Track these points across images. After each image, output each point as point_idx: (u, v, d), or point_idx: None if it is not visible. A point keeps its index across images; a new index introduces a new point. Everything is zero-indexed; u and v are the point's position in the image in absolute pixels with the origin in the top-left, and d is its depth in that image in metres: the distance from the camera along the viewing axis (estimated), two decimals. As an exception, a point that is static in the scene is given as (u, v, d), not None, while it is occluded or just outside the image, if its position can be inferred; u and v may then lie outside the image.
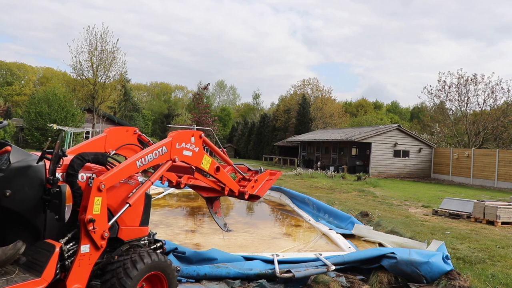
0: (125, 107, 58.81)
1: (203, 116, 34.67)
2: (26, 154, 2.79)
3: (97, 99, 31.02)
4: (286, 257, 5.05)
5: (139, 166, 3.13)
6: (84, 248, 2.81)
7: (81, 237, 2.81)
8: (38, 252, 2.67)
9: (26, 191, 2.68)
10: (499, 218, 9.36)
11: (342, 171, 28.27)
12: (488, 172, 24.02)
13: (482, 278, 4.96)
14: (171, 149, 3.40)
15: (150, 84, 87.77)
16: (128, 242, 3.28)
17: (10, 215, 2.69)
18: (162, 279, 3.20)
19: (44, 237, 2.81)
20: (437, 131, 37.62)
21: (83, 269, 2.81)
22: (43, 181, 2.77)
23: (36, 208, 2.75)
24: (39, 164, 2.77)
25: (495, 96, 32.23)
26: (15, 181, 2.64)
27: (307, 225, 8.43)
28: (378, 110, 73.10)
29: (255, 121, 58.74)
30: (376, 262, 4.90)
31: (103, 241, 2.90)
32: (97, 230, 2.83)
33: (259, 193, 4.53)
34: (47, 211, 2.79)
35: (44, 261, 2.58)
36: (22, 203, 2.67)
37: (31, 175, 2.72)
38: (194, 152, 3.61)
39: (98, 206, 2.83)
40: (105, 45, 30.11)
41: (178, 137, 3.49)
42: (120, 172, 3.02)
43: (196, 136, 3.63)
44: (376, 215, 9.19)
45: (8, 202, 2.60)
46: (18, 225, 2.76)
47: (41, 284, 2.49)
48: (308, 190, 15.38)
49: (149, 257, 3.06)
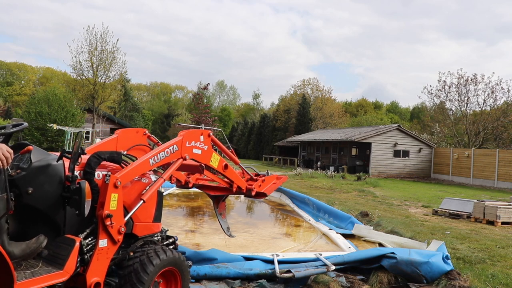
0: (125, 107, 58.82)
1: (203, 116, 34.67)
2: (45, 154, 2.92)
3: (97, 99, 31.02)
4: (286, 257, 5.04)
5: (152, 164, 3.25)
6: (102, 243, 2.93)
7: (99, 232, 2.93)
8: (59, 247, 2.79)
9: (47, 189, 2.81)
10: (499, 218, 9.35)
11: (342, 171, 28.27)
12: (488, 172, 24.02)
13: (482, 278, 4.96)
14: (182, 148, 3.51)
15: (150, 84, 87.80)
16: (142, 238, 3.38)
17: (32, 212, 2.81)
18: (177, 274, 3.31)
19: (64, 232, 2.93)
20: (437, 131, 37.62)
21: (101, 263, 2.94)
22: (63, 179, 2.90)
23: (56, 205, 2.88)
24: (58, 163, 2.89)
25: (495, 96, 32.26)
26: (36, 179, 2.76)
27: (307, 225, 8.43)
28: (378, 110, 73.10)
29: (255, 121, 58.73)
30: (376, 262, 4.90)
31: (120, 235, 3.02)
32: (114, 225, 2.95)
33: (266, 191, 4.58)
34: (67, 208, 2.92)
35: (66, 255, 2.71)
36: (43, 200, 2.80)
37: (51, 173, 2.84)
38: (203, 150, 3.72)
39: (114, 202, 2.96)
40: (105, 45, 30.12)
41: (188, 135, 3.60)
42: (135, 170, 3.15)
43: (205, 135, 3.74)
44: (376, 215, 9.19)
45: (30, 199, 2.72)
46: (40, 221, 2.88)
47: (63, 276, 2.62)
48: (308, 190, 15.38)
49: (165, 253, 3.16)
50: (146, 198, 3.19)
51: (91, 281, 2.85)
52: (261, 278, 4.46)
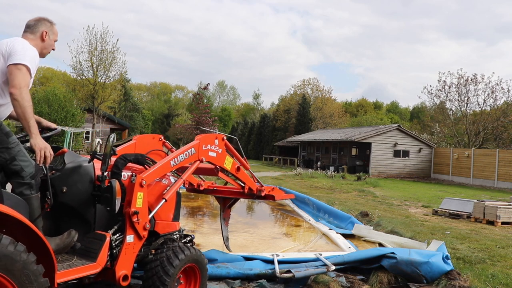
0: (125, 107, 58.80)
1: (203, 116, 34.63)
2: (77, 156, 3.19)
3: (97, 99, 31.02)
4: (286, 257, 5.05)
5: (173, 165, 3.50)
6: (129, 238, 3.15)
7: (126, 228, 3.14)
8: (90, 242, 3.02)
9: (79, 188, 3.05)
10: (499, 218, 9.35)
11: (342, 171, 28.27)
12: (488, 172, 24.01)
13: (482, 278, 4.96)
14: (199, 150, 3.78)
15: (150, 84, 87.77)
16: (163, 236, 3.59)
17: (66, 209, 3.05)
18: (196, 271, 3.54)
19: (94, 228, 3.16)
20: (437, 131, 37.62)
21: (128, 257, 3.15)
22: (93, 178, 3.14)
23: (87, 203, 3.12)
24: (89, 164, 3.15)
25: (495, 96, 32.25)
26: (69, 179, 3.01)
27: (307, 225, 8.43)
28: (378, 110, 73.09)
29: (255, 121, 58.71)
30: (376, 262, 4.90)
31: (145, 231, 3.24)
32: (140, 221, 3.17)
33: (274, 194, 4.71)
34: (96, 205, 3.16)
35: (98, 249, 2.94)
36: (76, 198, 3.04)
37: (82, 174, 3.09)
38: (218, 153, 3.99)
39: (140, 200, 3.17)
40: (105, 45, 30.11)
41: (204, 139, 3.88)
42: (158, 171, 3.38)
43: (219, 139, 4.02)
44: (376, 215, 9.19)
45: (64, 198, 2.96)
46: (72, 218, 3.11)
47: (96, 268, 2.87)
48: (308, 190, 15.38)
49: (188, 250, 3.41)
50: (167, 197, 3.42)
51: (119, 274, 3.05)
52: (261, 278, 4.46)
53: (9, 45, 2.81)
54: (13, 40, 2.88)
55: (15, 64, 2.72)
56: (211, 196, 9.14)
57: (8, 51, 2.77)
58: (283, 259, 4.91)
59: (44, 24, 3.08)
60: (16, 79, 2.69)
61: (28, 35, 3.03)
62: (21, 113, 2.68)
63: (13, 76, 2.70)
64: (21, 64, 2.73)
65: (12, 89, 2.67)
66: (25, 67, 2.74)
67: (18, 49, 2.78)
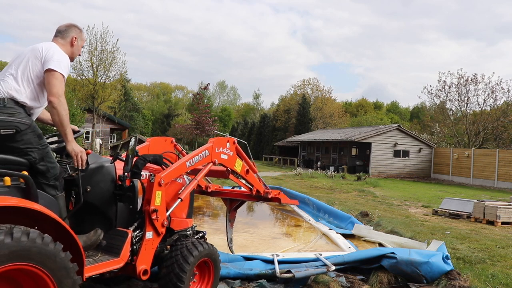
0: (125, 107, 58.79)
1: (203, 116, 34.63)
2: (99, 157, 3.34)
3: (97, 99, 30.95)
4: (286, 257, 5.05)
5: (188, 166, 3.65)
6: (149, 234, 3.29)
7: (146, 225, 3.29)
8: (112, 238, 3.17)
9: (101, 187, 3.20)
10: (499, 218, 9.35)
11: (342, 171, 28.27)
12: (488, 172, 24.01)
13: (482, 278, 4.96)
14: (212, 153, 3.95)
15: (150, 84, 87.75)
16: (177, 232, 3.74)
17: (89, 208, 3.18)
18: (210, 265, 3.72)
19: (115, 226, 3.30)
20: (437, 131, 37.61)
21: (148, 253, 3.31)
22: (114, 178, 3.29)
23: (109, 201, 3.27)
24: (110, 165, 3.30)
25: (495, 96, 32.24)
26: (93, 179, 3.15)
27: (307, 225, 8.43)
28: (378, 110, 73.08)
29: (255, 121, 58.72)
30: (376, 262, 4.90)
31: (163, 228, 3.38)
32: (159, 219, 3.31)
33: (281, 197, 4.78)
34: (118, 203, 3.30)
35: (120, 245, 3.09)
36: (98, 197, 3.18)
37: (105, 174, 3.24)
38: (229, 155, 4.16)
39: (159, 199, 3.32)
40: (105, 45, 30.03)
41: (217, 142, 4.05)
42: (175, 171, 3.53)
43: (230, 142, 4.20)
44: (376, 215, 9.19)
45: (88, 197, 3.10)
46: (95, 215, 3.25)
47: (119, 263, 3.04)
48: (308, 190, 15.38)
49: (202, 245, 3.57)
50: (183, 197, 3.57)
51: (140, 269, 3.21)
52: (261, 278, 4.47)
53: (45, 50, 2.92)
54: (49, 45, 2.98)
55: (53, 71, 2.84)
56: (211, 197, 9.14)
57: (44, 56, 2.88)
58: (283, 259, 4.92)
59: (74, 30, 3.22)
60: (55, 87, 2.81)
61: (58, 40, 3.15)
62: (58, 120, 2.82)
63: (51, 85, 2.81)
64: (59, 72, 2.86)
65: (51, 97, 2.79)
66: (62, 75, 2.88)
67: (55, 56, 2.90)
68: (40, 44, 2.98)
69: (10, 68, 2.90)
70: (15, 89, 2.80)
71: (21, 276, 2.30)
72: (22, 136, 2.69)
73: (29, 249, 2.22)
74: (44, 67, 2.85)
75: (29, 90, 2.87)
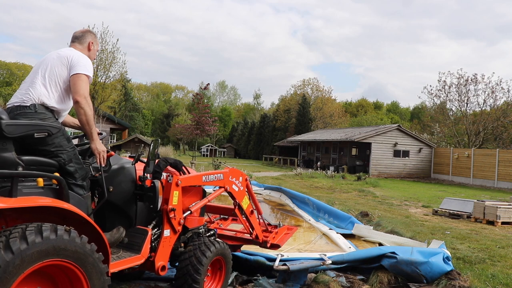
0: (125, 107, 58.79)
1: (203, 116, 34.60)
2: (120, 158, 3.51)
3: (97, 99, 30.94)
4: (290, 256, 5.07)
5: (203, 180, 3.90)
6: (166, 232, 3.47)
7: (164, 223, 3.46)
8: (133, 236, 3.33)
9: (123, 187, 3.36)
10: (499, 218, 9.35)
11: (342, 171, 28.26)
12: (488, 172, 24.00)
13: (482, 278, 4.96)
14: (226, 179, 4.18)
15: (150, 84, 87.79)
16: (191, 230, 3.89)
17: (112, 207, 3.34)
18: (222, 262, 3.91)
19: (135, 224, 3.47)
20: (437, 131, 37.60)
21: (165, 250, 3.49)
22: (135, 179, 3.46)
23: (130, 201, 3.43)
24: (131, 166, 3.47)
25: (495, 96, 32.20)
26: (115, 180, 3.31)
27: (307, 225, 8.43)
28: (378, 110, 73.07)
29: (255, 121, 58.69)
30: (376, 262, 4.89)
31: (180, 226, 3.58)
32: (176, 217, 3.51)
33: (279, 243, 4.81)
34: (138, 203, 3.46)
35: (141, 242, 3.26)
36: (120, 196, 3.34)
37: (126, 174, 3.41)
38: (240, 189, 4.36)
39: (176, 198, 3.50)
40: (105, 45, 30.03)
41: (232, 172, 4.30)
42: (191, 178, 3.77)
43: (243, 178, 4.42)
44: (376, 215, 9.19)
45: (111, 196, 3.24)
46: (117, 214, 3.41)
47: (140, 259, 3.21)
48: (308, 190, 15.38)
49: (217, 244, 3.76)
50: (193, 209, 3.77)
51: (158, 265, 3.39)
52: (259, 265, 4.54)
53: (70, 57, 3.07)
54: (72, 51, 3.14)
55: (80, 74, 2.99)
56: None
57: (70, 62, 3.04)
58: (286, 258, 4.94)
59: (90, 36, 3.37)
60: (81, 88, 2.96)
61: (76, 45, 3.30)
62: (85, 120, 2.98)
63: (78, 86, 2.96)
64: (84, 74, 3.01)
65: (78, 97, 2.93)
66: (87, 76, 3.04)
67: (80, 60, 3.06)
68: (65, 51, 3.12)
69: (37, 75, 3.03)
70: (44, 95, 2.95)
71: (56, 271, 2.48)
72: (53, 139, 2.84)
73: (69, 247, 2.42)
74: (71, 72, 3.01)
75: (57, 94, 3.02)
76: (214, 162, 21.07)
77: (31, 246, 2.25)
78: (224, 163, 24.98)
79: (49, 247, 2.33)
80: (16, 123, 2.68)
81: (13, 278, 2.19)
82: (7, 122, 2.58)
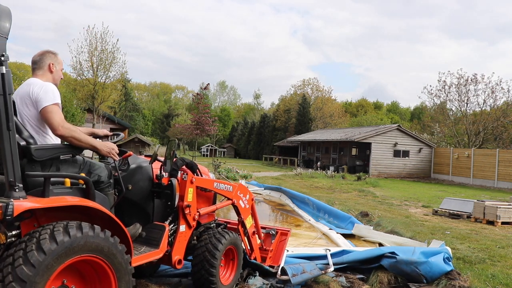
0: (125, 107, 58.78)
1: (203, 116, 34.61)
2: (138, 158, 3.65)
3: (97, 99, 30.90)
4: (296, 252, 5.10)
5: (214, 186, 4.08)
6: (182, 228, 3.64)
7: (180, 219, 3.63)
8: (151, 231, 3.48)
9: (141, 185, 3.52)
10: (499, 218, 9.35)
11: (342, 171, 28.26)
12: (488, 172, 23.99)
13: (482, 278, 4.96)
14: (234, 192, 4.34)
15: (150, 84, 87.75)
16: (203, 225, 4.06)
17: (130, 204, 3.50)
18: (234, 252, 4.10)
19: (153, 220, 3.61)
20: (437, 131, 37.58)
21: (181, 244, 3.66)
22: (152, 177, 3.61)
23: (147, 198, 3.58)
24: (148, 165, 3.61)
25: (495, 96, 32.14)
26: (133, 178, 3.47)
27: (307, 225, 8.43)
28: (378, 110, 73.02)
29: (255, 121, 58.67)
30: (376, 262, 4.89)
31: (194, 222, 3.75)
32: (191, 213, 3.68)
33: (275, 263, 4.78)
34: (155, 200, 3.62)
35: (159, 238, 3.42)
36: (138, 194, 3.50)
37: (143, 173, 3.56)
38: (246, 206, 4.53)
39: (190, 195, 3.68)
40: (105, 45, 29.98)
41: (241, 187, 4.47)
42: (204, 180, 3.96)
43: (250, 196, 4.61)
44: (376, 215, 9.19)
45: (130, 194, 3.41)
46: (135, 211, 3.57)
47: (159, 253, 3.38)
48: (308, 190, 15.38)
49: (229, 234, 3.96)
50: (202, 212, 3.91)
51: (175, 259, 3.56)
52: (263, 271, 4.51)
53: (30, 92, 2.93)
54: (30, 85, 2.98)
55: (46, 107, 2.88)
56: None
57: (33, 98, 2.92)
58: (292, 254, 4.98)
59: (48, 57, 3.22)
60: (55, 120, 2.87)
61: (37, 71, 3.17)
62: (77, 142, 2.96)
63: (50, 120, 2.88)
64: (51, 105, 2.90)
65: (57, 131, 2.88)
66: (55, 105, 2.93)
67: (41, 92, 2.92)
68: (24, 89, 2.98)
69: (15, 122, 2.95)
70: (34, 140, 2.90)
71: (83, 265, 2.64)
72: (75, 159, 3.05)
73: (94, 242, 2.59)
74: (38, 108, 2.90)
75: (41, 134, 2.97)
76: (214, 162, 21.05)
77: (60, 245, 2.41)
78: (224, 163, 24.99)
79: (76, 244, 2.49)
80: (44, 147, 2.82)
81: (47, 276, 2.35)
82: (36, 147, 2.74)
